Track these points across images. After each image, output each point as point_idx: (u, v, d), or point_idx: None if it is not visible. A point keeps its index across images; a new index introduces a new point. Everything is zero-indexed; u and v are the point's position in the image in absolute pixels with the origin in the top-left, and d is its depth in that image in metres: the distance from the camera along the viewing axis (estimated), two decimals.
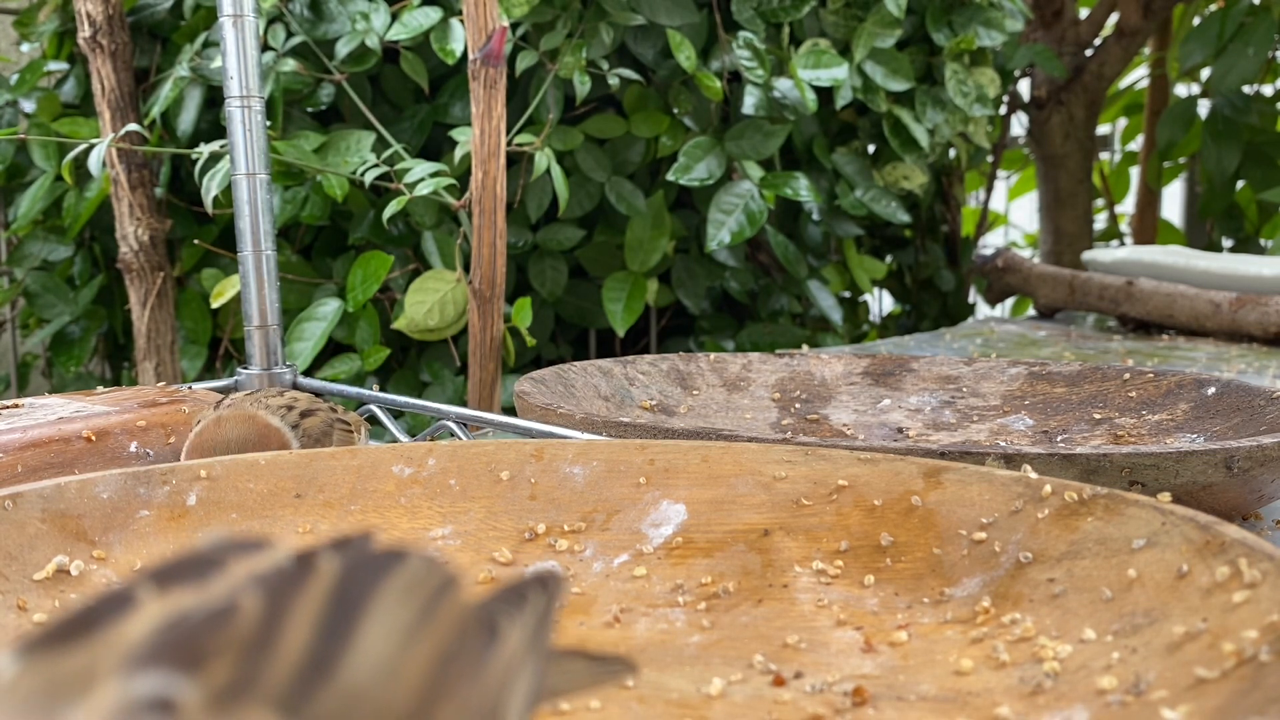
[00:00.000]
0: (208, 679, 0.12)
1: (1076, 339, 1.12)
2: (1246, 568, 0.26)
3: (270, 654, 0.13)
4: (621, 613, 0.33)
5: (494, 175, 0.84)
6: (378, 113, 1.04)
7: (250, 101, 0.64)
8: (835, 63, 1.10)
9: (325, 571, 0.15)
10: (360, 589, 0.15)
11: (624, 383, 0.64)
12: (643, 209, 1.07)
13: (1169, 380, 0.61)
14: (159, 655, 0.13)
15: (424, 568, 0.17)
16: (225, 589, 0.14)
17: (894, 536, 0.34)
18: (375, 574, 0.16)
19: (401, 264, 1.05)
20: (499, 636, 0.17)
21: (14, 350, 1.40)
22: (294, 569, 0.15)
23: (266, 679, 0.13)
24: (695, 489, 0.37)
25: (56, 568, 0.32)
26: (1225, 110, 1.64)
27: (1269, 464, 0.42)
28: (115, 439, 0.47)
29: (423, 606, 0.16)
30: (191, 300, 1.12)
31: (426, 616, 0.16)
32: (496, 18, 0.82)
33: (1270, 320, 1.05)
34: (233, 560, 0.15)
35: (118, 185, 1.07)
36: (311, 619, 0.14)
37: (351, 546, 0.16)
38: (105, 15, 1.06)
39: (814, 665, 0.29)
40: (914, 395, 0.67)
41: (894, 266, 1.52)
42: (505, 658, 0.17)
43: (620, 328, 1.06)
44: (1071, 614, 0.29)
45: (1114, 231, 2.05)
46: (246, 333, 0.66)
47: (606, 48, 1.03)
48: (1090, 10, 1.74)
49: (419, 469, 0.38)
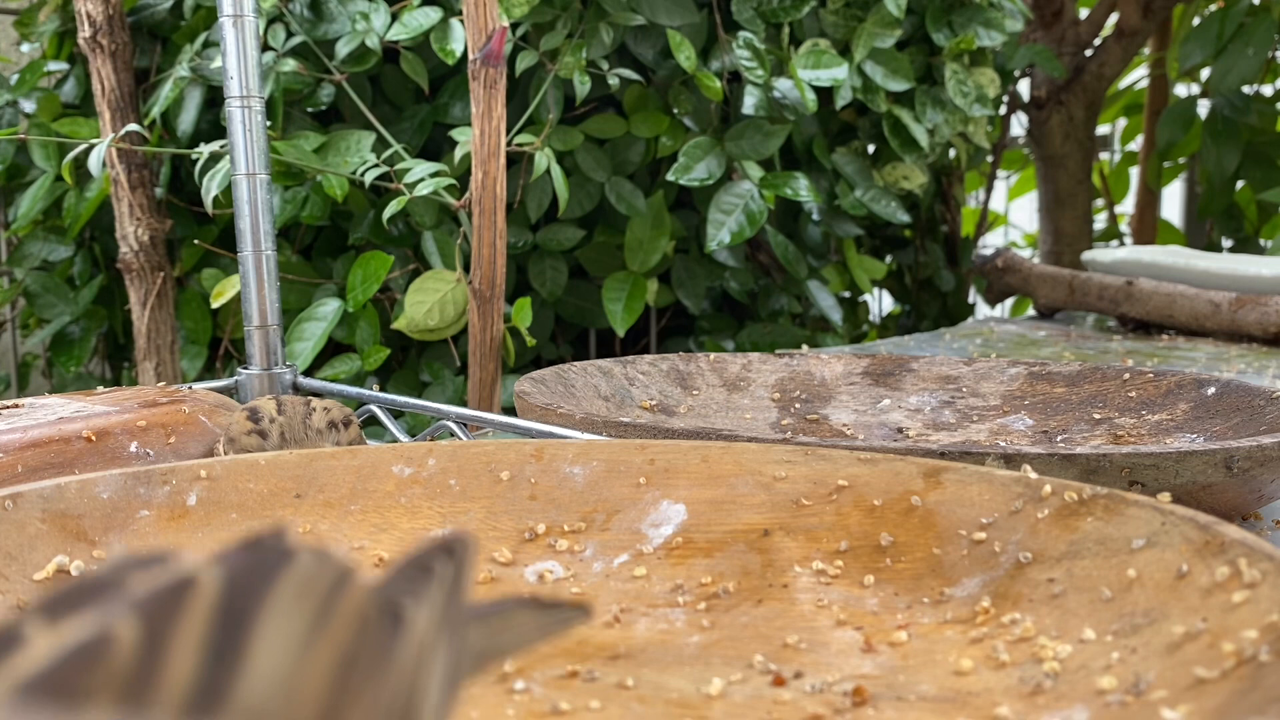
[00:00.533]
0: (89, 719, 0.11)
1: (1076, 339, 1.12)
2: (1246, 568, 0.26)
3: (154, 684, 0.12)
4: (621, 613, 0.33)
5: (494, 175, 0.84)
6: (378, 113, 1.04)
7: (250, 101, 0.64)
8: (835, 63, 1.10)
9: (207, 586, 0.14)
10: (246, 600, 0.14)
11: (624, 383, 0.64)
12: (643, 209, 1.07)
13: (1169, 380, 0.61)
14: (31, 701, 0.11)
15: (314, 564, 0.15)
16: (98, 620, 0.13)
17: (894, 536, 0.34)
18: (261, 581, 0.14)
19: (401, 264, 1.05)
20: (404, 622, 0.16)
21: (14, 350, 1.40)
22: (172, 587, 0.14)
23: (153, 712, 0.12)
24: (695, 489, 0.37)
25: (57, 568, 0.32)
26: (1225, 110, 1.64)
27: (1269, 464, 0.42)
28: (115, 439, 0.47)
29: (317, 608, 0.15)
30: (191, 300, 1.12)
31: (322, 618, 0.14)
32: (496, 18, 0.82)
33: (1270, 320, 1.05)
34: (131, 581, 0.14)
35: (118, 185, 1.07)
36: (196, 640, 0.13)
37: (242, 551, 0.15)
38: (105, 15, 1.06)
39: (814, 665, 0.29)
40: (914, 395, 0.67)
41: (894, 266, 1.52)
42: (414, 644, 0.16)
43: (620, 328, 1.06)
44: (1071, 614, 0.29)
45: (1114, 231, 2.05)
46: (246, 333, 0.66)
47: (606, 48, 1.03)
48: (1090, 10, 1.74)
49: (419, 469, 0.38)
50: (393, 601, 0.16)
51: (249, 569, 0.15)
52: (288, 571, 0.15)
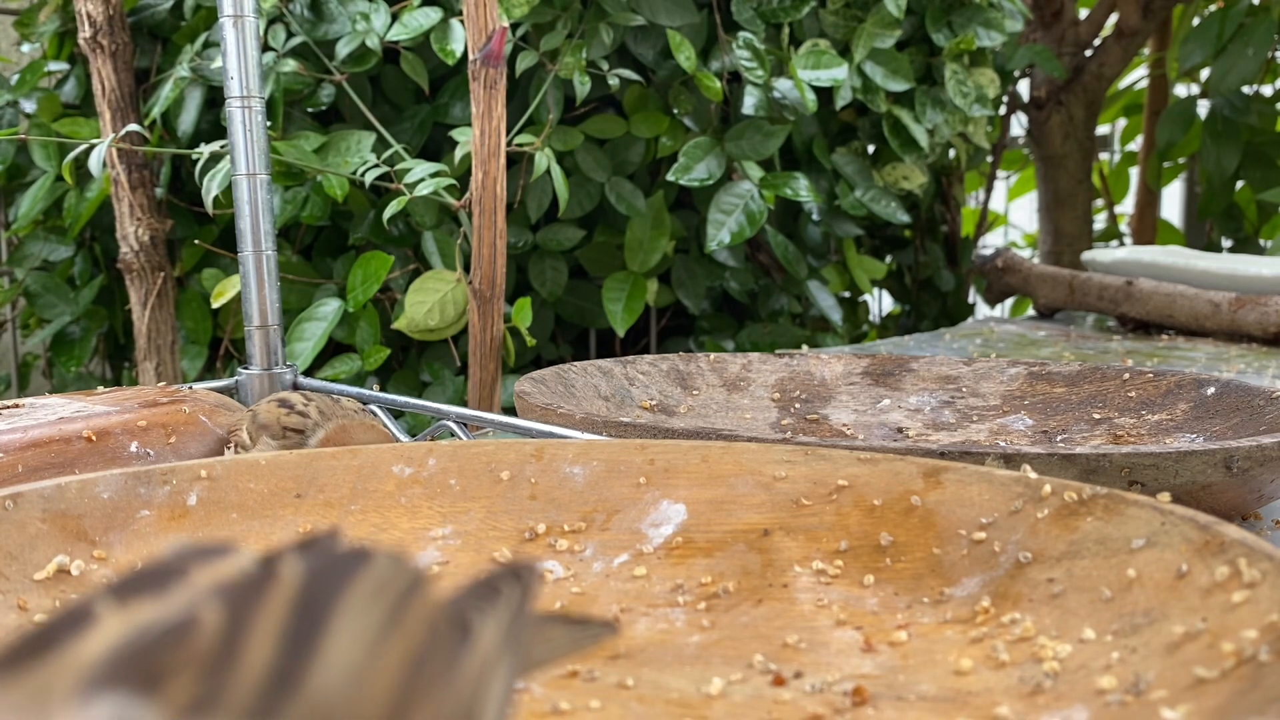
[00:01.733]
0: (167, 699, 0.12)
1: (1076, 339, 1.12)
2: (1246, 567, 0.26)
3: (232, 669, 0.13)
4: (621, 613, 0.33)
5: (494, 175, 0.84)
6: (378, 113, 1.04)
7: (250, 102, 0.64)
8: (835, 63, 1.10)
9: (288, 577, 0.14)
10: (325, 594, 0.14)
11: (624, 383, 0.64)
12: (643, 209, 1.07)
13: (1169, 380, 0.61)
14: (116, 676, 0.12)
15: (391, 567, 0.16)
16: (184, 601, 0.14)
17: (894, 536, 0.34)
18: (340, 577, 0.15)
19: (402, 264, 1.05)
20: (472, 635, 0.16)
21: (14, 350, 1.40)
22: (255, 577, 0.14)
23: (229, 695, 0.12)
24: (695, 489, 0.37)
25: (57, 568, 0.32)
26: (1225, 110, 1.64)
27: (1269, 464, 0.42)
28: (116, 439, 0.47)
29: (391, 608, 0.15)
30: (192, 300, 1.12)
31: (395, 619, 0.15)
32: (496, 18, 0.82)
33: (1270, 320, 1.05)
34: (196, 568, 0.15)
35: (118, 185, 1.07)
36: (275, 629, 0.13)
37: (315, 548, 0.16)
38: (105, 15, 1.06)
39: (814, 665, 0.29)
40: (914, 395, 0.67)
41: (894, 266, 1.52)
42: (479, 657, 0.16)
43: (620, 328, 1.06)
44: (1071, 614, 0.29)
45: (1113, 232, 2.05)
46: (247, 333, 0.66)
47: (606, 48, 1.03)
48: (1090, 10, 1.74)
49: (419, 469, 0.38)
50: (463, 614, 0.17)
51: (329, 564, 0.15)
52: (366, 570, 0.15)
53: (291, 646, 0.13)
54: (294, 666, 0.13)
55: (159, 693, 0.12)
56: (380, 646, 0.14)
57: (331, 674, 0.13)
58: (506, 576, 0.19)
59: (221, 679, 0.12)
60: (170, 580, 0.14)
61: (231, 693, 0.12)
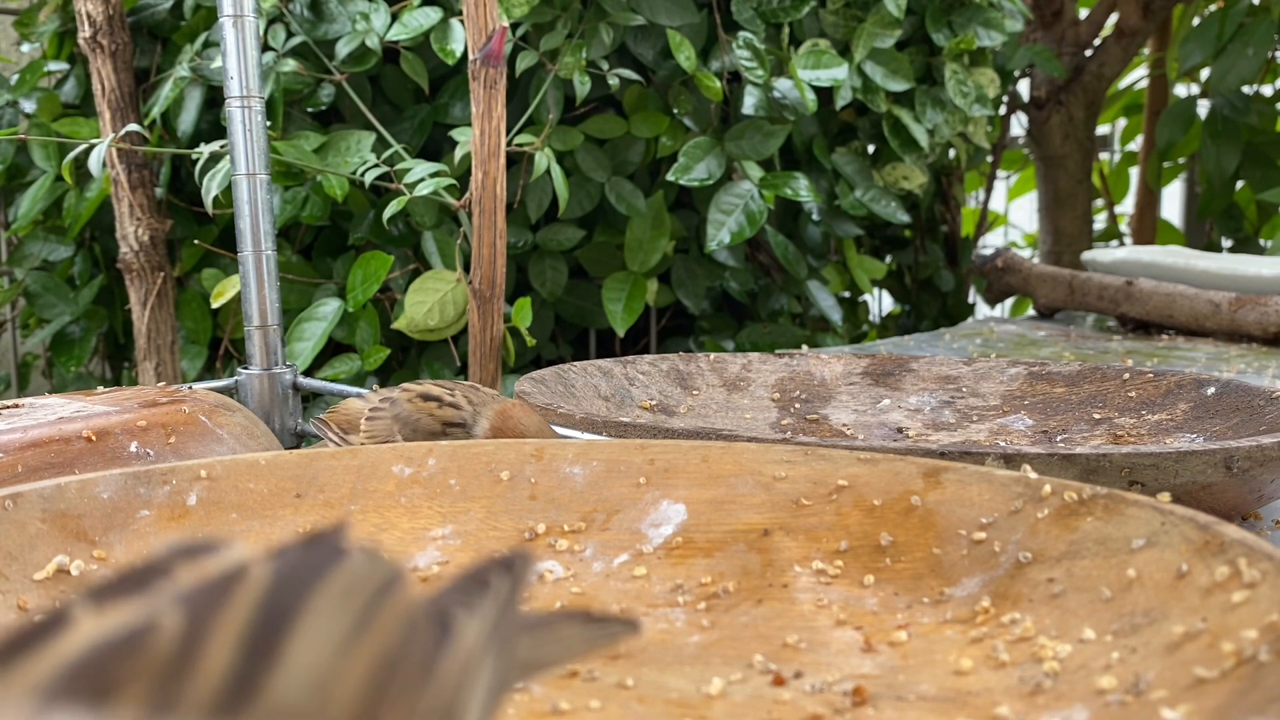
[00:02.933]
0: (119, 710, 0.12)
1: (1076, 339, 1.12)
2: (1246, 567, 0.26)
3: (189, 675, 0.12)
4: (622, 612, 0.33)
5: (494, 175, 0.84)
6: (378, 113, 1.04)
7: (250, 102, 0.64)
8: (835, 63, 1.10)
9: (255, 580, 0.14)
10: (290, 596, 0.14)
11: (624, 383, 0.64)
12: (643, 209, 1.07)
13: (1169, 380, 0.61)
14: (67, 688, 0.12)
15: (366, 565, 0.15)
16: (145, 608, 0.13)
17: (894, 536, 0.34)
18: (309, 578, 0.14)
19: (401, 264, 1.05)
20: (452, 632, 0.16)
21: (14, 350, 1.40)
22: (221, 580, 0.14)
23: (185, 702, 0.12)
24: (695, 489, 0.37)
25: (57, 567, 0.32)
26: (1225, 110, 1.64)
27: (1269, 464, 0.42)
28: (115, 439, 0.47)
29: (363, 608, 0.15)
30: (192, 300, 1.12)
31: (367, 619, 0.14)
32: (496, 18, 0.82)
33: (1270, 320, 1.05)
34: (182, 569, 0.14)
35: (118, 185, 1.07)
36: (235, 633, 0.13)
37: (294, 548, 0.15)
38: (105, 15, 1.06)
39: (814, 665, 0.29)
40: (914, 395, 0.67)
41: (894, 266, 1.52)
42: (461, 655, 0.16)
43: (620, 328, 1.06)
44: (1071, 614, 0.29)
45: (1114, 232, 2.05)
46: (247, 333, 0.66)
47: (606, 48, 1.03)
48: (1090, 10, 1.74)
49: (419, 469, 0.38)
50: (444, 611, 0.16)
51: (299, 565, 0.15)
52: (336, 570, 0.15)
53: (252, 650, 0.13)
54: (254, 671, 0.13)
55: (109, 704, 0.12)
56: (349, 648, 0.14)
57: (293, 680, 0.13)
58: (497, 568, 0.18)
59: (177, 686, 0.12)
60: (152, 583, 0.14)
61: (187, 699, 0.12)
